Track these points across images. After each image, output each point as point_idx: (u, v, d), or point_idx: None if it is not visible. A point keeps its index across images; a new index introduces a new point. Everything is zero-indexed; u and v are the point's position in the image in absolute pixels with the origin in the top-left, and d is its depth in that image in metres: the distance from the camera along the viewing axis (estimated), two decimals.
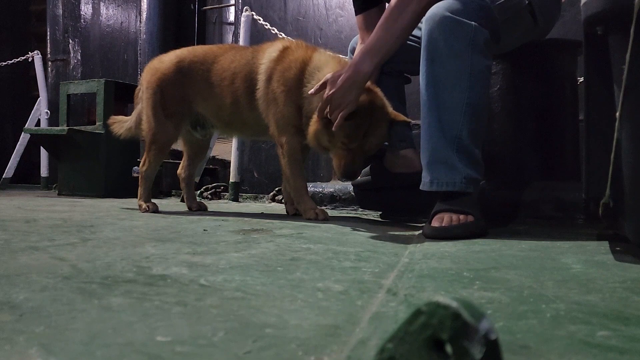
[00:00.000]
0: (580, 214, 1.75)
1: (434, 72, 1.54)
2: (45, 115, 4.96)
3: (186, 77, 2.24)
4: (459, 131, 1.51)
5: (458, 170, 1.52)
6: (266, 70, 2.06)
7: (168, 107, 2.26)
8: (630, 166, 1.02)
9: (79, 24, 5.35)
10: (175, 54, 2.32)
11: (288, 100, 1.99)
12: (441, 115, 1.53)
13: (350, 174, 1.89)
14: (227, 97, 2.17)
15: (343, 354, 0.52)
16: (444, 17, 1.50)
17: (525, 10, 1.65)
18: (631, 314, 0.67)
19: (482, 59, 1.53)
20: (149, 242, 1.28)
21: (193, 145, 2.50)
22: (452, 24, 1.50)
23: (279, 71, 2.02)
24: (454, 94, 1.51)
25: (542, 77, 1.95)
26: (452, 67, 1.51)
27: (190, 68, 2.24)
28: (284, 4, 3.81)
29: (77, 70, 5.38)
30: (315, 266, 1.00)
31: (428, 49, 1.54)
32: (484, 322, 0.38)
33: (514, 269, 0.98)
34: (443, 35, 1.51)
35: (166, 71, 2.26)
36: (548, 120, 1.93)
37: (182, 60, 2.26)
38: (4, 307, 0.67)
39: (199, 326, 0.61)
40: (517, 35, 1.72)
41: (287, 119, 2.02)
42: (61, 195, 3.74)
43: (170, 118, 2.26)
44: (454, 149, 1.52)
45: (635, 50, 0.92)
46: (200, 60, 2.24)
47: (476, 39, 1.51)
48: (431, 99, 1.54)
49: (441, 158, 1.53)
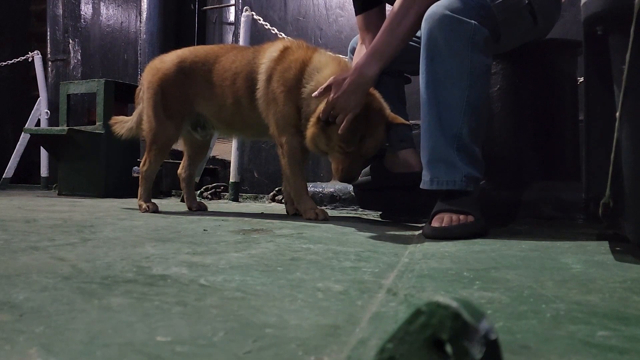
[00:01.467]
0: (580, 214, 1.75)
1: (434, 70, 1.53)
2: (45, 115, 4.96)
3: (187, 77, 2.24)
4: (458, 129, 1.51)
5: (458, 169, 1.51)
6: (266, 70, 2.06)
7: (169, 107, 2.26)
8: (630, 166, 1.02)
9: (79, 24, 5.35)
10: (177, 54, 2.32)
11: (288, 101, 1.99)
12: (441, 114, 1.52)
13: (348, 179, 1.90)
14: (228, 97, 2.17)
15: (343, 354, 0.52)
16: (444, 15, 1.50)
17: (525, 10, 1.65)
18: (631, 314, 0.67)
19: (482, 57, 1.53)
20: (149, 242, 1.28)
21: (193, 146, 2.50)
22: (451, 23, 1.50)
23: (279, 71, 2.02)
24: (453, 92, 1.51)
25: (542, 77, 1.95)
26: (452, 65, 1.51)
27: (191, 68, 2.24)
28: (284, 4, 3.81)
29: (77, 70, 5.37)
30: (315, 266, 1.00)
31: (428, 47, 1.54)
32: (484, 322, 0.38)
33: (514, 269, 0.98)
34: (443, 33, 1.50)
35: (167, 71, 2.26)
36: (548, 120, 1.93)
37: (183, 60, 2.26)
38: (4, 307, 0.67)
39: (199, 326, 0.61)
40: (517, 34, 1.72)
41: (286, 119, 2.02)
42: (61, 195, 3.74)
43: (171, 118, 2.26)
44: (454, 147, 1.52)
45: (635, 50, 0.92)
46: (202, 60, 2.24)
47: (476, 37, 1.51)
48: (431, 97, 1.54)
49: (441, 156, 1.53)
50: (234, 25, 4.61)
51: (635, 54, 0.93)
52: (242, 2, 3.90)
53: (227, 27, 5.11)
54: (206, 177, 3.82)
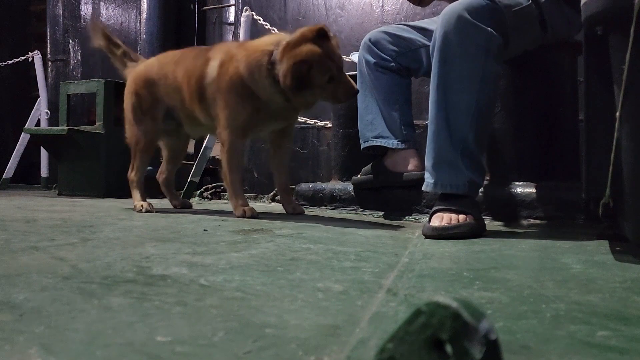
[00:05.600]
0: (580, 214, 1.75)
1: (446, 73, 1.53)
2: (45, 115, 4.95)
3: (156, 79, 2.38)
4: (465, 134, 1.51)
5: (463, 173, 1.52)
6: (214, 70, 2.12)
7: (143, 107, 2.41)
8: (630, 166, 1.02)
9: (79, 24, 5.35)
10: (147, 61, 2.52)
11: (238, 101, 2.04)
12: (450, 117, 1.52)
13: (355, 92, 1.95)
14: (187, 94, 2.26)
15: (343, 354, 0.52)
16: (461, 17, 1.49)
17: (535, 20, 1.65)
18: (631, 314, 0.67)
19: (494, 64, 1.53)
20: (149, 242, 1.28)
21: (172, 149, 2.64)
22: (467, 27, 1.49)
23: (226, 71, 2.08)
24: (464, 97, 1.51)
25: (542, 77, 1.95)
26: (464, 70, 1.51)
27: (160, 70, 2.38)
28: (284, 4, 3.81)
29: (77, 70, 5.37)
30: (315, 266, 1.00)
31: (442, 49, 1.53)
32: (484, 322, 0.38)
33: (514, 269, 0.98)
34: (458, 38, 1.50)
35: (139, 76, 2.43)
36: (548, 120, 1.93)
37: (152, 65, 2.43)
38: (4, 307, 0.67)
39: (199, 326, 0.61)
40: (525, 42, 1.72)
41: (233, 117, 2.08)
42: (61, 195, 3.74)
43: (146, 116, 2.40)
44: (459, 151, 1.52)
45: (635, 50, 0.92)
46: (169, 61, 2.37)
47: (490, 44, 1.51)
48: (441, 100, 1.54)
49: (447, 160, 1.53)
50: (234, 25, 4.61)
51: (635, 54, 0.93)
52: (242, 2, 3.90)
53: (227, 27, 5.11)
54: (206, 177, 3.82)
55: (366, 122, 2.05)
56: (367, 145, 2.06)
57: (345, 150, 2.50)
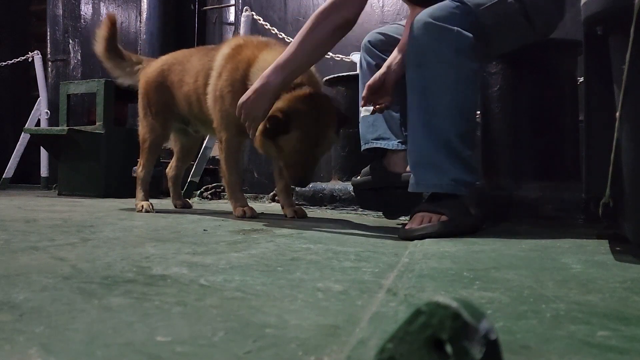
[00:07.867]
0: (580, 214, 1.75)
1: (422, 77, 1.54)
2: (45, 115, 4.96)
3: (166, 79, 2.41)
4: (448, 135, 1.52)
5: (445, 173, 1.52)
6: (217, 68, 2.14)
7: (153, 108, 2.44)
8: (630, 166, 1.02)
9: (79, 24, 5.35)
10: (161, 58, 2.54)
11: (233, 100, 2.02)
12: (429, 120, 1.53)
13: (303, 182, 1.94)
14: (193, 94, 2.29)
15: (343, 354, 0.52)
16: (427, 22, 1.52)
17: (517, 13, 1.64)
18: (631, 314, 0.67)
19: (468, 62, 1.54)
20: (149, 242, 1.28)
21: (183, 147, 2.67)
22: (435, 30, 1.51)
23: (227, 70, 2.09)
24: (442, 98, 1.52)
25: (542, 77, 1.95)
26: (439, 72, 1.52)
27: (169, 70, 2.41)
28: (284, 4, 3.81)
29: (77, 70, 5.38)
30: (315, 266, 1.00)
31: (414, 54, 1.56)
32: (484, 322, 0.38)
33: (514, 269, 0.98)
34: (428, 40, 1.52)
35: (151, 75, 2.46)
36: (548, 120, 1.93)
37: (164, 63, 2.46)
38: (4, 307, 0.67)
39: (199, 326, 0.61)
40: (512, 38, 1.71)
41: (230, 118, 2.06)
42: (61, 195, 3.74)
43: (156, 118, 2.44)
44: (442, 151, 1.52)
45: (635, 50, 0.92)
46: (178, 61, 2.40)
47: (460, 43, 1.52)
48: (418, 103, 1.56)
49: (428, 160, 1.54)
50: (234, 25, 4.61)
51: (635, 54, 0.93)
52: (242, 2, 3.90)
53: (227, 27, 5.11)
54: (206, 177, 3.82)
55: (368, 124, 2.05)
56: (367, 147, 2.06)
57: (345, 150, 2.50)
